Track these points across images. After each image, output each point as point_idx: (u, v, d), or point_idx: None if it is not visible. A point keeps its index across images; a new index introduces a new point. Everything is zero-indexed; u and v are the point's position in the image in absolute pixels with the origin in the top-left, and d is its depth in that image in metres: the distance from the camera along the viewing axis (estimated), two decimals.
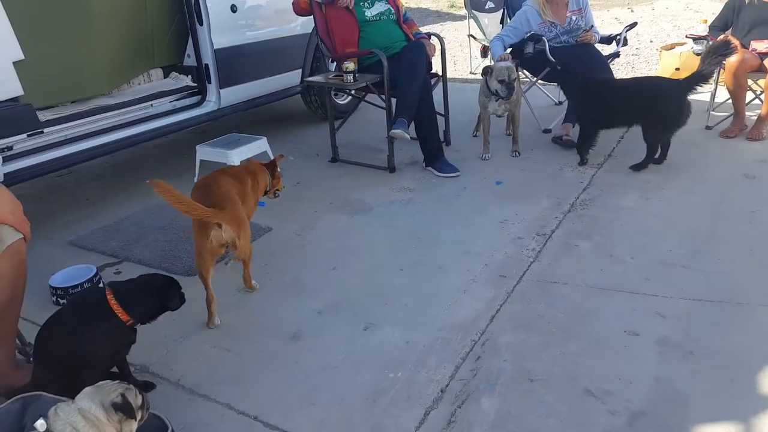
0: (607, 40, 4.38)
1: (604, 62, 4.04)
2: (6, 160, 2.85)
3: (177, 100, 3.84)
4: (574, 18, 4.15)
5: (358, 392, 1.91)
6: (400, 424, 1.77)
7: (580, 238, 2.76)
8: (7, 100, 2.87)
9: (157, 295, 1.88)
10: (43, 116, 3.11)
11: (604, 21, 8.19)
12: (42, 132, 3.07)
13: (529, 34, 4.06)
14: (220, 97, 3.86)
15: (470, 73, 6.38)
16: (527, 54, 4.14)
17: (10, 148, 2.92)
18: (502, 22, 4.88)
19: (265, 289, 2.52)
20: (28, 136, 3.00)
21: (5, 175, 2.81)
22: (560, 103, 4.82)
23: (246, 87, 4.02)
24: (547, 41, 4.01)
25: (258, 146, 3.66)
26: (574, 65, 3.90)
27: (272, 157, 3.70)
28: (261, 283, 2.55)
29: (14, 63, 2.84)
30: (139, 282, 1.90)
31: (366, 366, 2.03)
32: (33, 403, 1.61)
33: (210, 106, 3.88)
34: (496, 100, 3.72)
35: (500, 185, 3.42)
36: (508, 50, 4.37)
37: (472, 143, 4.14)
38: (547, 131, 4.24)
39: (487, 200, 3.24)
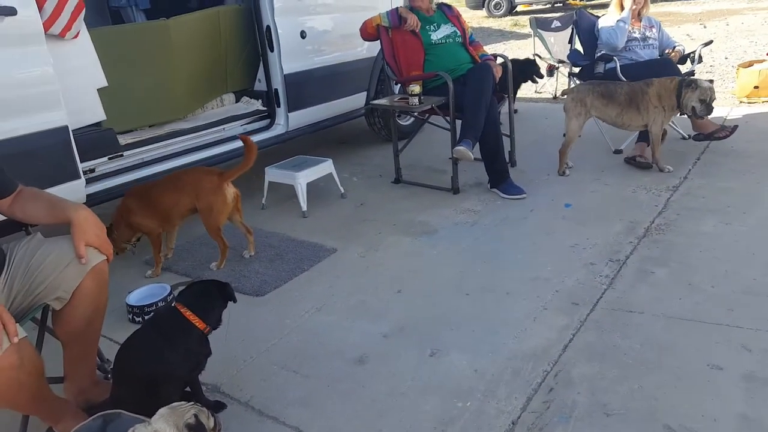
0: (681, 59, 4.23)
1: None
2: (89, 182, 3.00)
3: (248, 123, 3.97)
4: (646, 32, 4.10)
5: (426, 420, 1.88)
6: None
7: (657, 265, 2.64)
8: (91, 125, 3.05)
9: (219, 295, 1.96)
10: (123, 140, 3.27)
11: (676, 38, 7.92)
12: (122, 155, 3.23)
13: (600, 54, 3.99)
14: (288, 120, 3.96)
15: (535, 92, 6.29)
16: (598, 74, 4.06)
17: (92, 171, 3.08)
18: (570, 41, 4.79)
19: (331, 311, 2.54)
20: (109, 159, 3.17)
21: (87, 196, 2.96)
22: None
23: (313, 110, 4.11)
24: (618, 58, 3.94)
25: (324, 168, 3.72)
26: None
27: (337, 180, 3.77)
28: (327, 306, 2.57)
29: (98, 90, 3.01)
30: (198, 290, 1.96)
31: (433, 393, 2.00)
32: (113, 420, 1.66)
33: (278, 129, 3.98)
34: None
35: (569, 208, 3.33)
36: (577, 69, 4.31)
37: (538, 164, 4.06)
38: (618, 152, 4.11)
39: (555, 223, 3.16)
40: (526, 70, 5.25)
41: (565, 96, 3.83)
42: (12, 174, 1.86)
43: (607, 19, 4.13)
